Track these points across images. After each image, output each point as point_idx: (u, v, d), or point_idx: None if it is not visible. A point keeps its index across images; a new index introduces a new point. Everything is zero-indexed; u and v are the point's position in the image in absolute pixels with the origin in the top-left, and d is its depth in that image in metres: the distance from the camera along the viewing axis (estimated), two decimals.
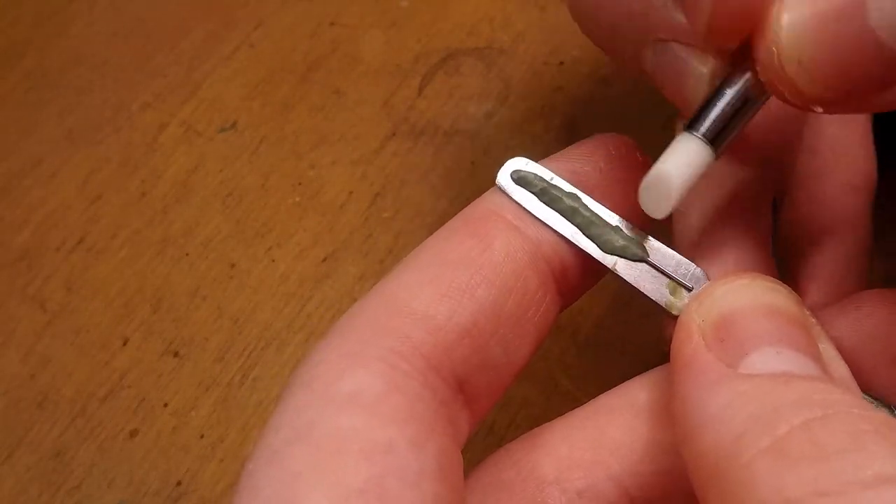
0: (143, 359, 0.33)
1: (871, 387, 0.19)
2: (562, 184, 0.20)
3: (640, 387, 0.20)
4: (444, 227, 0.20)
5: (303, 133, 0.38)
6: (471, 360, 0.18)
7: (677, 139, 0.19)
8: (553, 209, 0.20)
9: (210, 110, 0.39)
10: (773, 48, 0.17)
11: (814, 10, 0.16)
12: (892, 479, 0.13)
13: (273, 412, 0.17)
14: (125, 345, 0.33)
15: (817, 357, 0.17)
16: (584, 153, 0.21)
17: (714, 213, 0.22)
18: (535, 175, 0.20)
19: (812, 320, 0.18)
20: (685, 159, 0.19)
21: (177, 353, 0.33)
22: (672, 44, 0.20)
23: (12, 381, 0.33)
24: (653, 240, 0.20)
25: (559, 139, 0.37)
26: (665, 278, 0.20)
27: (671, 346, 0.18)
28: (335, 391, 0.17)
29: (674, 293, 0.20)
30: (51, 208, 0.37)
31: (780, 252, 0.26)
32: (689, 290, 0.20)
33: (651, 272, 0.20)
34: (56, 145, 0.39)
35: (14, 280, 0.35)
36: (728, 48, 0.19)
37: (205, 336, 0.33)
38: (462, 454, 0.18)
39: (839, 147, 0.27)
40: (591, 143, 0.21)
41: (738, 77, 0.19)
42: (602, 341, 0.32)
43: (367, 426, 0.16)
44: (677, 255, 0.20)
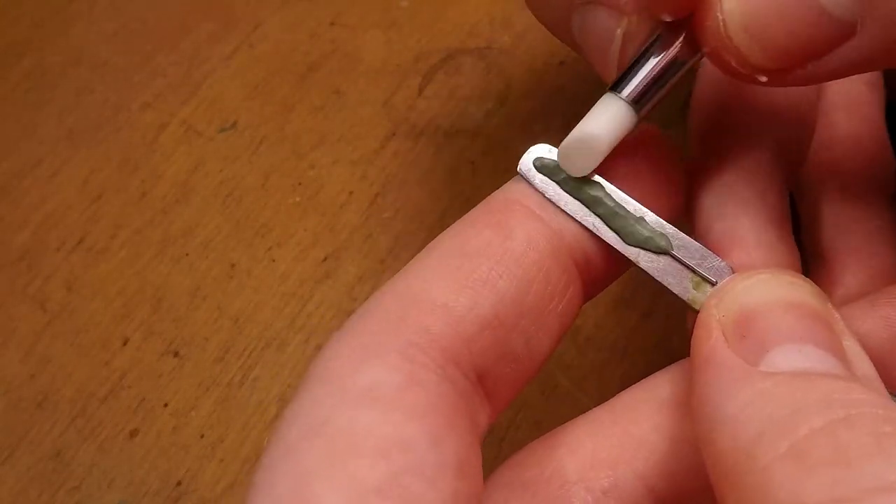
0: (143, 359, 0.33)
1: None
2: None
3: (664, 381, 0.20)
4: (464, 217, 0.19)
5: (303, 133, 0.38)
6: (491, 353, 0.18)
7: (601, 100, 0.19)
8: (576, 198, 0.19)
9: (210, 110, 0.39)
10: (718, 16, 0.17)
11: None
12: None
13: (289, 405, 0.17)
14: (125, 345, 0.33)
15: (841, 354, 0.16)
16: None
17: (734, 204, 0.21)
18: (558, 163, 0.20)
19: (836, 316, 0.17)
20: (608, 120, 0.19)
21: (177, 353, 0.33)
22: (596, 7, 0.20)
23: (12, 381, 0.33)
24: (678, 231, 0.20)
25: (559, 139, 0.37)
26: (689, 272, 0.19)
27: (692, 341, 0.18)
28: (352, 385, 0.16)
29: (697, 287, 0.19)
30: (51, 208, 0.37)
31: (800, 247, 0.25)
32: (713, 284, 0.19)
33: (674, 265, 0.19)
34: (56, 145, 0.39)
35: (14, 280, 0.35)
36: (665, 17, 0.19)
37: (205, 336, 0.33)
38: None
39: (853, 141, 0.27)
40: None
41: (665, 39, 0.19)
42: (602, 342, 0.32)
43: (384, 422, 0.16)
44: (702, 247, 0.20)
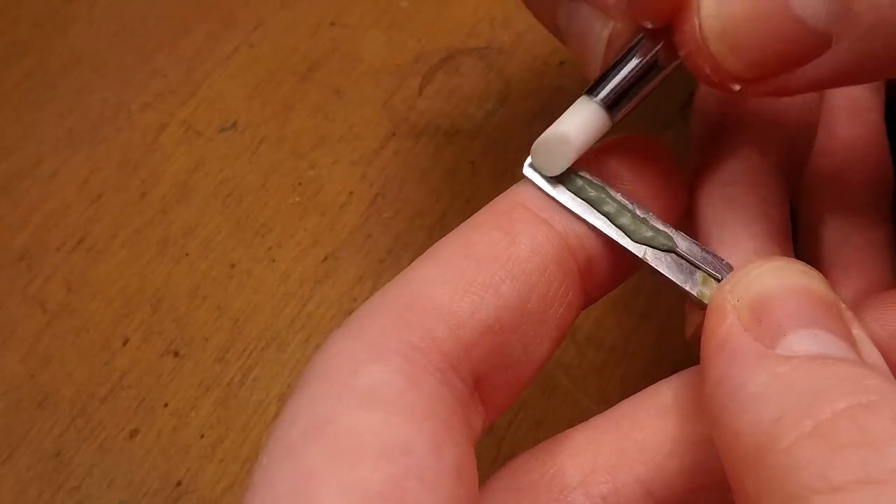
0: (143, 359, 0.33)
1: None
2: (588, 175, 0.20)
3: (665, 389, 0.20)
4: (468, 220, 0.19)
5: (303, 133, 0.38)
6: (490, 358, 0.18)
7: (577, 102, 0.19)
8: (580, 199, 0.19)
9: (210, 110, 0.39)
10: (696, 22, 0.17)
11: None
12: None
13: (287, 402, 0.17)
14: (125, 345, 0.33)
15: (852, 341, 0.16)
16: (609, 150, 0.21)
17: (735, 214, 0.21)
18: (560, 173, 0.20)
19: (843, 305, 0.17)
20: (582, 123, 0.19)
21: (177, 353, 0.33)
22: (582, 5, 0.20)
23: (12, 381, 0.33)
24: (679, 233, 0.20)
25: None
26: (694, 269, 0.19)
27: (704, 327, 0.18)
28: (353, 385, 0.16)
29: (704, 283, 0.19)
30: (51, 208, 0.37)
31: (800, 255, 0.25)
32: (719, 280, 0.19)
33: (679, 263, 0.20)
34: (56, 145, 0.39)
35: (14, 280, 0.35)
36: (647, 23, 0.19)
37: (205, 336, 0.33)
38: None
39: (853, 148, 0.27)
40: (615, 141, 0.21)
41: (644, 45, 0.19)
42: (602, 342, 0.32)
43: (385, 424, 0.16)
44: (704, 249, 0.20)
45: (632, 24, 0.19)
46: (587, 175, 0.20)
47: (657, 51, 0.19)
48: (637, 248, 0.19)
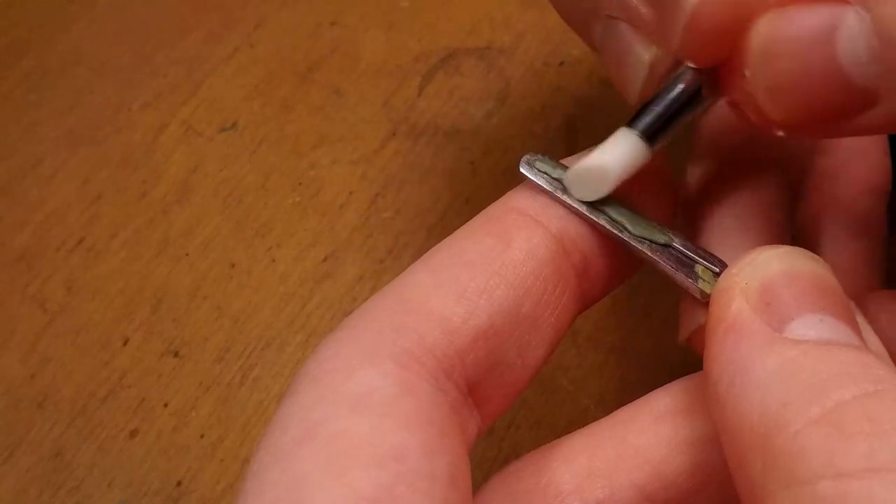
0: (143, 359, 0.33)
1: None
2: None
3: (662, 395, 0.20)
4: (464, 226, 0.19)
5: (303, 133, 0.38)
6: (484, 364, 0.18)
7: (618, 132, 0.19)
8: (576, 196, 0.19)
9: (210, 110, 0.39)
10: (745, 72, 0.17)
11: (786, 38, 0.16)
12: None
13: (279, 407, 0.17)
14: (125, 345, 0.33)
15: (857, 329, 0.16)
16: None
17: (733, 213, 0.21)
18: (555, 165, 0.20)
19: (845, 294, 0.17)
20: (622, 154, 0.19)
21: (177, 353, 0.33)
22: (620, 23, 0.19)
23: (12, 381, 0.33)
24: (674, 231, 0.20)
25: (559, 139, 0.37)
26: (692, 263, 0.19)
27: (710, 310, 0.17)
28: (346, 390, 0.16)
29: (703, 275, 0.19)
30: (51, 208, 0.37)
31: None
32: (717, 273, 0.19)
33: (677, 258, 0.19)
34: (56, 145, 0.39)
35: (14, 280, 0.35)
36: (691, 63, 0.19)
37: (205, 336, 0.33)
38: None
39: (853, 148, 0.27)
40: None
41: (688, 75, 0.19)
42: (602, 342, 0.32)
43: (378, 429, 0.16)
44: (698, 247, 0.20)
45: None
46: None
47: (701, 88, 0.19)
48: (637, 242, 0.19)
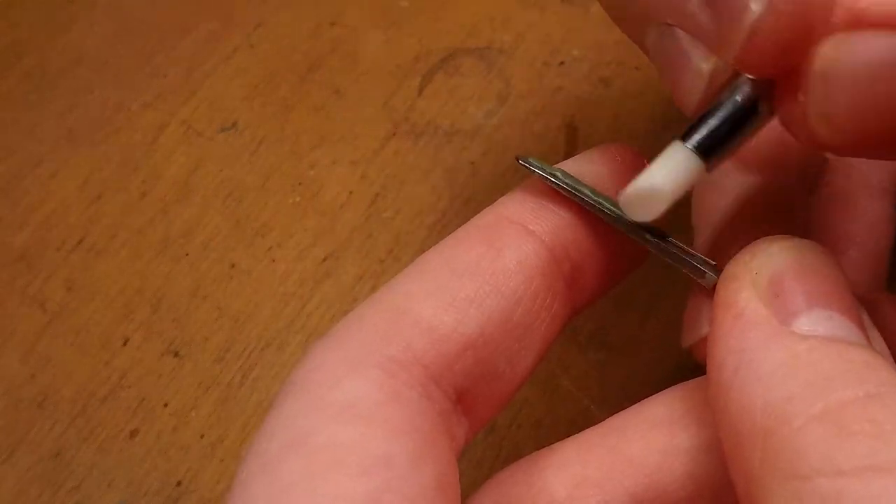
0: (143, 359, 0.33)
1: None
2: (573, 178, 0.20)
3: (657, 403, 0.19)
4: (453, 234, 0.19)
5: (303, 133, 0.38)
6: (473, 372, 0.18)
7: (670, 147, 0.18)
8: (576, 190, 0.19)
9: (210, 110, 0.39)
10: (800, 97, 0.16)
11: (850, 65, 0.16)
12: None
13: (267, 415, 0.17)
14: (125, 345, 0.33)
15: (863, 327, 0.16)
16: (590, 160, 0.21)
17: (738, 215, 0.21)
18: (544, 165, 0.20)
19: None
20: (675, 171, 0.18)
21: (177, 353, 0.33)
22: (677, 30, 0.18)
23: (12, 381, 0.33)
24: (669, 234, 0.20)
25: (559, 139, 0.37)
26: (688, 255, 0.19)
27: (717, 295, 0.17)
28: (332, 399, 0.16)
29: (702, 265, 0.19)
30: (51, 208, 0.37)
31: None
32: (713, 265, 0.19)
33: (678, 248, 0.19)
34: (56, 145, 0.39)
35: (14, 280, 0.35)
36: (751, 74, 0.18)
37: (205, 336, 0.33)
38: (462, 455, 0.18)
39: None
40: (595, 152, 0.21)
41: (745, 89, 0.18)
42: (602, 342, 0.32)
43: (365, 438, 0.16)
44: (690, 249, 0.20)
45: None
46: (574, 178, 0.20)
47: (760, 97, 0.18)
48: (639, 232, 0.19)
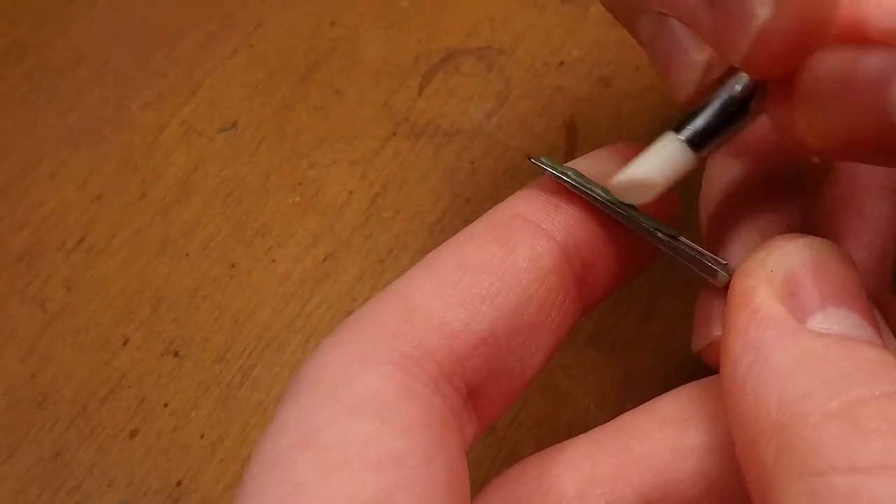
0: (143, 359, 0.33)
1: None
2: (584, 177, 0.20)
3: (666, 401, 0.19)
4: (465, 231, 0.19)
5: (303, 133, 0.38)
6: (484, 369, 0.18)
7: (662, 138, 0.19)
8: (588, 188, 0.19)
9: (210, 110, 0.39)
10: (791, 97, 0.17)
11: (839, 78, 0.16)
12: None
13: (277, 410, 0.17)
14: (125, 345, 0.33)
15: (878, 327, 0.16)
16: (599, 159, 0.21)
17: (744, 211, 0.21)
18: (556, 165, 0.20)
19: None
20: (666, 161, 0.18)
21: (177, 353, 0.33)
22: (671, 20, 0.18)
23: (12, 381, 0.33)
24: (678, 232, 0.20)
25: (559, 139, 0.37)
26: (700, 254, 0.20)
27: (731, 291, 0.17)
28: (344, 394, 0.16)
29: (714, 265, 0.20)
30: (51, 208, 0.37)
31: None
32: (725, 264, 0.19)
33: (689, 247, 0.20)
34: (56, 145, 0.39)
35: (14, 280, 0.35)
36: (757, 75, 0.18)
37: (205, 336, 0.33)
38: None
39: None
40: (604, 151, 0.21)
41: (740, 83, 0.18)
42: (602, 341, 0.32)
43: (377, 435, 0.15)
44: (702, 248, 0.20)
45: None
46: (584, 177, 0.20)
47: (753, 94, 0.18)
48: (651, 232, 0.19)
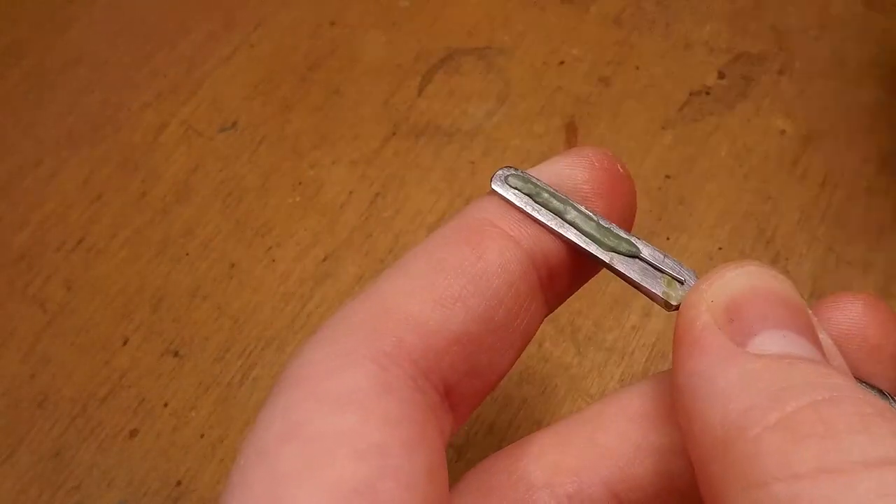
0: (143, 359, 0.33)
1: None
2: (552, 189, 0.21)
3: (633, 395, 0.20)
4: (437, 234, 0.20)
5: (303, 133, 0.38)
6: (459, 367, 0.18)
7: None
8: (547, 210, 0.20)
9: (210, 110, 0.39)
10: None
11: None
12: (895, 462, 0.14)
13: (263, 407, 0.17)
14: (125, 345, 0.33)
15: (818, 344, 0.17)
16: (567, 164, 0.21)
17: None
18: (526, 179, 0.20)
19: (810, 311, 0.18)
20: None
21: (177, 353, 0.33)
22: None
23: (12, 381, 0.33)
24: (641, 240, 0.20)
25: (559, 139, 0.37)
26: (658, 273, 0.20)
27: (677, 323, 0.18)
28: (327, 389, 0.17)
29: (669, 286, 0.20)
30: (51, 208, 0.37)
31: None
32: (682, 283, 0.20)
33: (644, 268, 0.20)
34: (56, 145, 0.39)
35: (14, 280, 0.35)
36: None
37: (205, 336, 0.33)
38: (462, 454, 0.18)
39: None
40: (571, 155, 0.22)
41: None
42: (601, 341, 0.32)
43: (359, 426, 0.16)
44: (666, 255, 0.20)
45: None
46: (551, 188, 0.21)
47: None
48: (604, 255, 0.20)
